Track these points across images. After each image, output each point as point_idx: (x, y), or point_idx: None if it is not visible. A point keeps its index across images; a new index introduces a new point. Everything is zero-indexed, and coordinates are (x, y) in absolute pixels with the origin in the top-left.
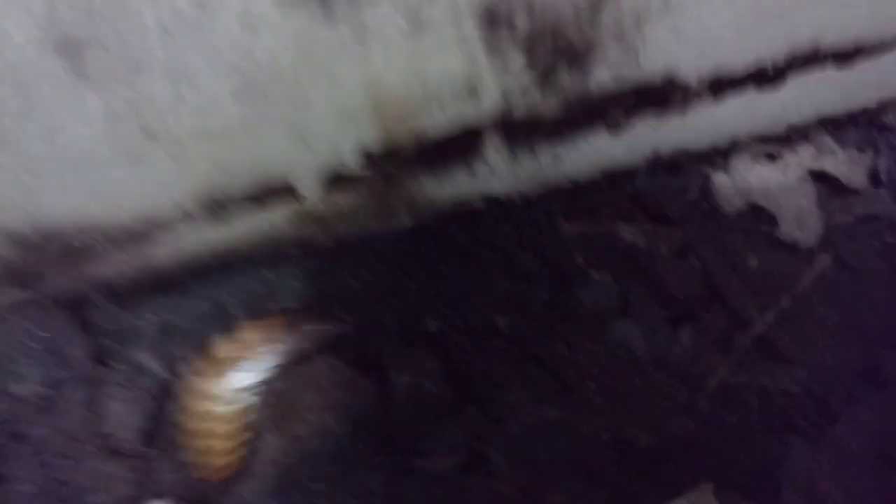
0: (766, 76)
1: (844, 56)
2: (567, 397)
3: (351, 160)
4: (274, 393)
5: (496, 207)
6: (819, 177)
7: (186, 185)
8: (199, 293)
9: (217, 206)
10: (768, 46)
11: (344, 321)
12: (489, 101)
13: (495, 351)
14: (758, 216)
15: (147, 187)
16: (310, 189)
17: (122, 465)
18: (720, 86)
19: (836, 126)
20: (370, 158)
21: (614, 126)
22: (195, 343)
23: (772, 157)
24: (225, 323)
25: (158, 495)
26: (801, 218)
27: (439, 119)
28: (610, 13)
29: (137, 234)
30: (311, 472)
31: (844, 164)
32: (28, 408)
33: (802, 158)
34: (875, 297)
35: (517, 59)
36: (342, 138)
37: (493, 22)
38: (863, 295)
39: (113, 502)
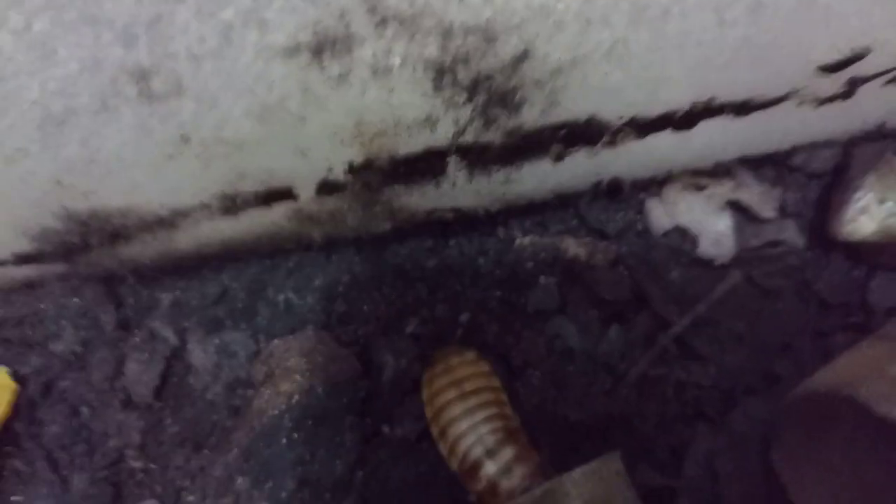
0: (676, 120)
1: (740, 107)
2: (513, 379)
3: (339, 170)
4: (270, 354)
5: (462, 219)
6: (736, 206)
7: (207, 182)
8: (209, 277)
9: (229, 202)
10: (671, 97)
11: None
12: (443, 130)
13: (456, 340)
14: (682, 236)
15: (175, 182)
16: (305, 192)
17: (134, 414)
18: (639, 126)
19: (754, 164)
20: (353, 169)
21: (555, 155)
22: (202, 317)
23: (699, 188)
24: (228, 304)
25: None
26: (718, 240)
27: (407, 141)
28: (527, 72)
29: (164, 220)
30: (293, 423)
31: (758, 196)
32: (61, 362)
33: (724, 190)
34: (776, 309)
35: (461, 99)
36: (332, 153)
37: (440, 71)
38: (766, 307)
39: (125, 446)
